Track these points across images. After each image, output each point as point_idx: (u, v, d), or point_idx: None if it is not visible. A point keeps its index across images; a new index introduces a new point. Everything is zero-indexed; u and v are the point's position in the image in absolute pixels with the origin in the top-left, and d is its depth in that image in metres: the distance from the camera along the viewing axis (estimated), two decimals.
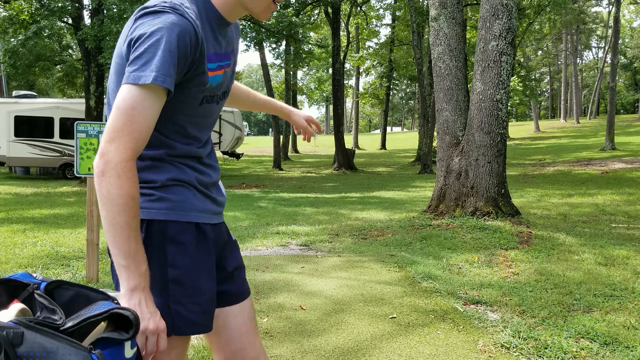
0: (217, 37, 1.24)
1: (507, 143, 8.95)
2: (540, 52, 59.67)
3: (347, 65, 41.07)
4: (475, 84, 7.03)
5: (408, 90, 59.95)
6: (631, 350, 2.77)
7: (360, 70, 41.64)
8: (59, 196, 11.83)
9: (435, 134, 17.54)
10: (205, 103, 1.25)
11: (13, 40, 14.18)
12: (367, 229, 6.90)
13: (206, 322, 1.27)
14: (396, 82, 40.99)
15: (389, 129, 69.18)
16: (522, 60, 40.98)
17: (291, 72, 28.75)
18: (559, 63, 57.17)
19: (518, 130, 44.43)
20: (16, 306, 0.97)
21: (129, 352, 0.98)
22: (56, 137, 17.34)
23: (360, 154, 31.57)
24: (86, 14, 16.30)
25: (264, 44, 20.74)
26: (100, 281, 4.20)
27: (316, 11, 25.93)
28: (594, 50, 69.33)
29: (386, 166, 24.39)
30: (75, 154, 4.02)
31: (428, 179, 16.30)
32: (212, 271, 1.29)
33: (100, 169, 1.06)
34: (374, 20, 36.55)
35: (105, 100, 1.36)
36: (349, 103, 59.77)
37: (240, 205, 9.81)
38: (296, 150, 36.82)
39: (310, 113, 1.95)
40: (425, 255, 5.22)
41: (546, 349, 2.82)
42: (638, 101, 60.11)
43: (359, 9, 30.62)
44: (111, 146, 1.06)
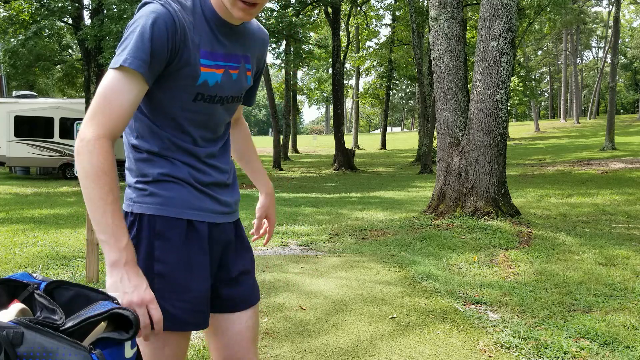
0: (218, 37, 1.25)
1: (507, 143, 8.96)
2: (540, 52, 59.67)
3: (347, 65, 41.07)
4: (475, 84, 7.03)
5: (408, 90, 59.94)
6: (631, 350, 2.77)
7: (360, 70, 41.65)
8: (59, 196, 11.83)
9: (435, 134, 17.54)
10: (202, 100, 1.25)
11: (13, 40, 14.19)
12: (367, 229, 6.90)
13: (194, 321, 1.25)
14: (396, 82, 41.00)
15: (389, 129, 69.17)
16: (522, 60, 40.99)
17: (291, 72, 28.75)
18: (559, 63, 57.17)
19: (518, 130, 44.42)
20: (16, 306, 0.97)
21: (129, 352, 0.98)
22: (56, 137, 17.34)
23: (360, 154, 31.57)
24: (86, 14, 16.31)
25: None
26: (100, 281, 4.20)
27: (316, 11, 25.93)
28: (594, 50, 69.39)
29: (386, 166, 24.40)
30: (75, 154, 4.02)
31: (428, 179, 16.30)
32: (204, 270, 1.27)
33: (76, 149, 1.12)
34: (374, 20, 36.55)
35: None
36: (349, 103, 59.79)
37: (241, 205, 9.75)
38: (296, 150, 36.82)
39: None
40: (425, 255, 5.22)
41: (546, 349, 2.82)
42: (638, 101, 60.12)
43: (359, 9, 30.62)
44: (87, 126, 1.12)
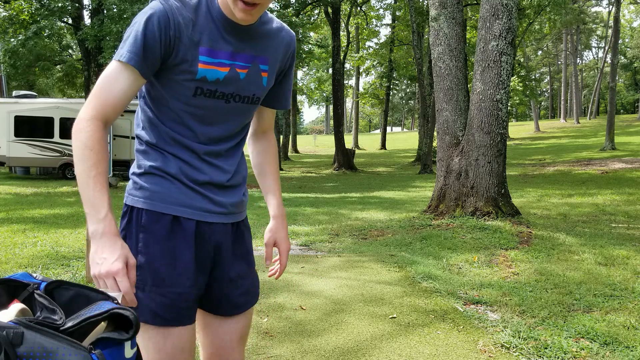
0: (224, 35, 1.26)
1: (507, 143, 8.96)
2: (540, 52, 59.68)
3: (347, 65, 41.10)
4: (475, 84, 7.03)
5: (408, 90, 59.96)
6: (631, 350, 2.77)
7: (360, 70, 41.66)
8: (59, 196, 11.83)
9: (435, 134, 17.54)
10: (202, 95, 1.26)
11: (13, 40, 14.20)
12: (367, 229, 6.90)
13: (173, 317, 1.24)
14: (396, 82, 41.02)
15: (389, 129, 69.18)
16: (522, 60, 40.99)
17: None
18: (559, 63, 57.18)
19: (518, 130, 44.43)
20: (16, 306, 0.97)
21: (129, 352, 0.98)
22: (56, 137, 17.33)
23: (360, 154, 31.57)
24: (86, 14, 16.32)
25: None
26: None
27: (316, 11, 25.95)
28: (594, 50, 69.40)
29: (386, 166, 24.40)
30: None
31: (428, 179, 16.31)
32: (188, 267, 1.27)
33: (73, 129, 1.19)
34: (374, 20, 36.57)
35: None
36: (349, 103, 59.81)
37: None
38: (296, 150, 36.84)
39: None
40: (425, 255, 5.22)
41: (546, 349, 2.82)
42: (638, 101, 60.12)
43: (359, 9, 30.62)
44: (83, 109, 1.21)
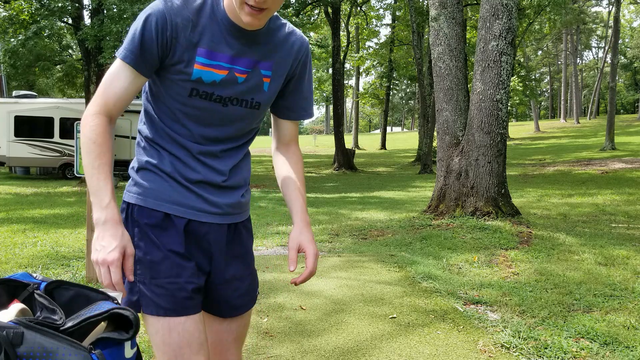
0: (226, 39, 1.26)
1: (507, 143, 8.96)
2: (540, 52, 59.67)
3: (347, 65, 41.09)
4: (475, 84, 7.03)
5: (408, 90, 59.96)
6: (631, 350, 2.77)
7: (360, 70, 41.64)
8: (59, 196, 11.83)
9: (435, 134, 17.54)
10: (197, 96, 1.26)
11: (13, 40, 14.18)
12: (367, 229, 6.90)
13: (173, 307, 1.24)
14: (396, 82, 41.00)
15: (389, 129, 69.18)
16: (522, 60, 40.99)
17: None
18: (559, 63, 57.17)
19: (518, 130, 44.42)
20: (16, 306, 0.97)
21: (129, 352, 0.98)
22: (56, 137, 17.34)
23: (360, 154, 31.57)
24: (86, 14, 16.31)
25: None
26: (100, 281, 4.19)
27: (316, 11, 25.93)
28: (594, 50, 69.39)
29: (386, 166, 24.40)
30: (75, 153, 4.03)
31: (428, 179, 16.31)
32: (180, 260, 1.27)
33: (80, 127, 1.26)
34: (374, 20, 36.55)
35: None
36: (349, 103, 59.79)
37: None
38: None
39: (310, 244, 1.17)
40: (425, 255, 5.21)
41: (546, 349, 2.82)
42: (638, 101, 60.12)
43: (359, 9, 30.62)
44: (88, 106, 1.26)
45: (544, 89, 67.94)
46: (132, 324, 0.96)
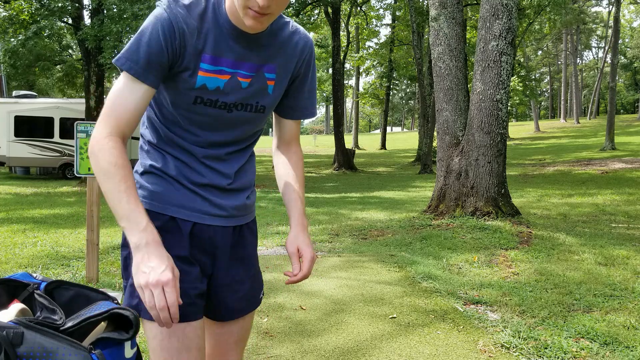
0: (229, 43, 1.23)
1: (507, 143, 8.96)
2: (540, 52, 59.68)
3: (347, 65, 41.09)
4: (475, 84, 7.03)
5: (408, 90, 59.97)
6: (631, 350, 2.77)
7: (360, 70, 41.65)
8: (59, 196, 11.83)
9: (435, 134, 17.54)
10: (201, 104, 1.24)
11: (13, 40, 14.18)
12: (367, 229, 6.90)
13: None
14: (396, 82, 41.01)
15: (389, 129, 69.20)
16: (522, 60, 40.99)
17: None
18: (559, 63, 57.18)
19: (518, 130, 44.43)
20: (16, 306, 0.97)
21: (129, 352, 0.98)
22: (56, 137, 17.34)
23: (360, 154, 31.57)
24: (86, 14, 16.31)
25: None
26: (100, 281, 4.20)
27: (316, 11, 25.91)
28: (594, 50, 69.40)
29: (386, 166, 24.40)
30: (75, 153, 4.02)
31: (428, 179, 16.31)
32: (184, 264, 1.25)
33: (89, 149, 1.18)
34: (374, 20, 36.54)
35: None
36: (349, 103, 59.81)
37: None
38: None
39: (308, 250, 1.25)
40: (425, 255, 5.21)
41: (546, 349, 2.82)
42: (638, 101, 60.13)
43: (359, 9, 30.62)
44: (97, 127, 1.19)
45: (544, 89, 67.95)
46: (132, 324, 0.96)
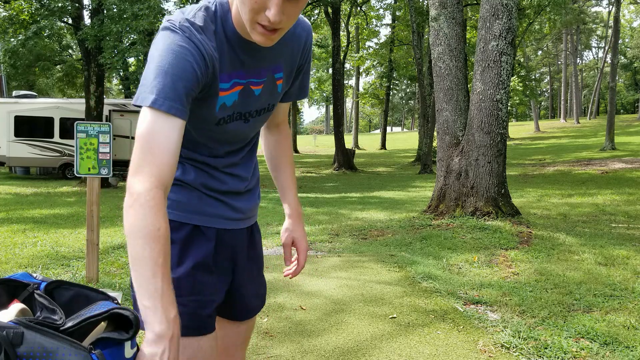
0: (239, 56, 1.18)
1: (507, 143, 8.96)
2: (540, 52, 59.68)
3: (347, 65, 41.09)
4: (475, 84, 7.03)
5: (408, 90, 59.97)
6: (631, 350, 2.77)
7: (360, 70, 41.66)
8: (59, 196, 11.83)
9: (435, 134, 17.54)
10: (224, 124, 1.23)
11: (13, 40, 14.18)
12: (367, 229, 6.90)
13: (193, 325, 1.22)
14: (396, 82, 41.03)
15: (389, 129, 69.19)
16: (522, 60, 40.99)
17: None
18: (559, 63, 57.18)
19: (518, 130, 44.43)
20: (16, 306, 0.97)
21: (129, 352, 0.98)
22: (56, 137, 17.34)
23: (360, 154, 31.57)
24: (86, 14, 16.30)
25: None
26: (100, 281, 4.20)
27: (316, 11, 25.92)
28: (594, 50, 69.40)
29: (386, 166, 24.40)
30: (75, 153, 4.02)
31: (428, 179, 16.31)
32: (206, 275, 1.25)
33: (127, 203, 1.01)
34: (374, 20, 36.56)
35: None
36: (349, 103, 59.80)
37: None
38: (296, 151, 36.81)
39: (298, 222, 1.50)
40: (425, 255, 5.22)
41: (546, 349, 2.82)
42: (638, 101, 60.12)
43: (359, 9, 30.62)
44: (135, 178, 1.01)
45: (544, 89, 67.95)
46: (132, 324, 0.95)
